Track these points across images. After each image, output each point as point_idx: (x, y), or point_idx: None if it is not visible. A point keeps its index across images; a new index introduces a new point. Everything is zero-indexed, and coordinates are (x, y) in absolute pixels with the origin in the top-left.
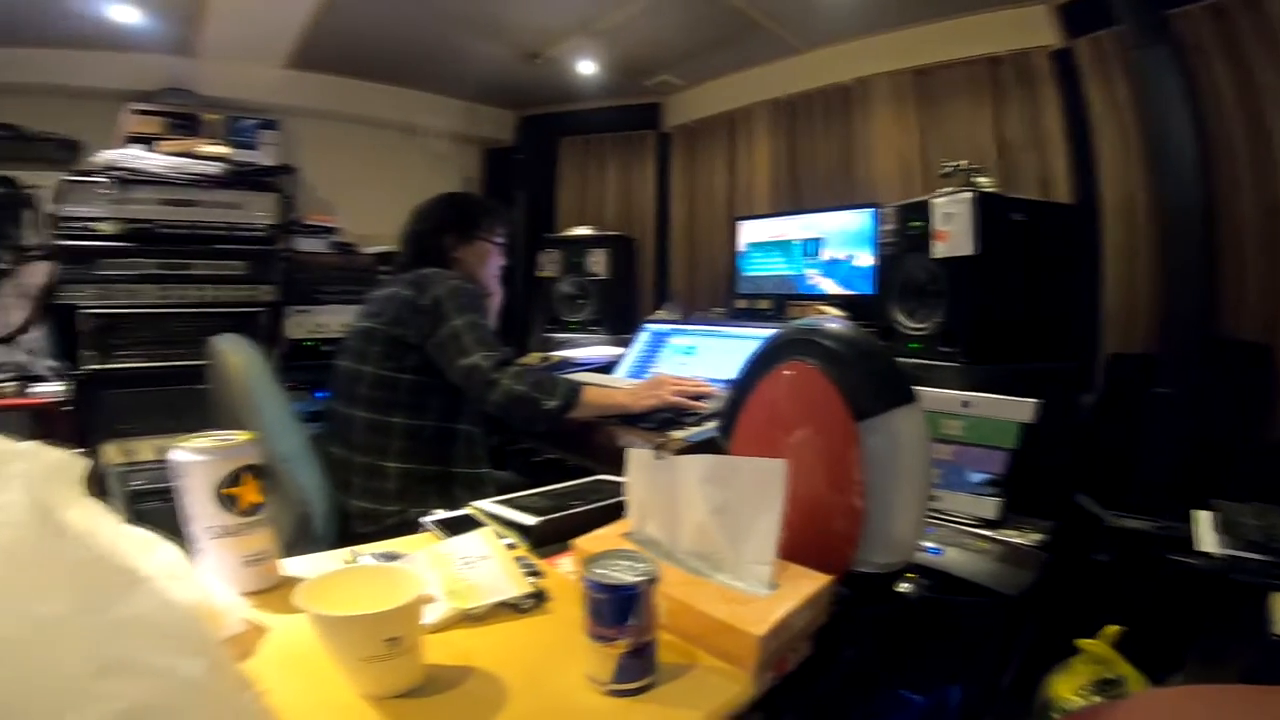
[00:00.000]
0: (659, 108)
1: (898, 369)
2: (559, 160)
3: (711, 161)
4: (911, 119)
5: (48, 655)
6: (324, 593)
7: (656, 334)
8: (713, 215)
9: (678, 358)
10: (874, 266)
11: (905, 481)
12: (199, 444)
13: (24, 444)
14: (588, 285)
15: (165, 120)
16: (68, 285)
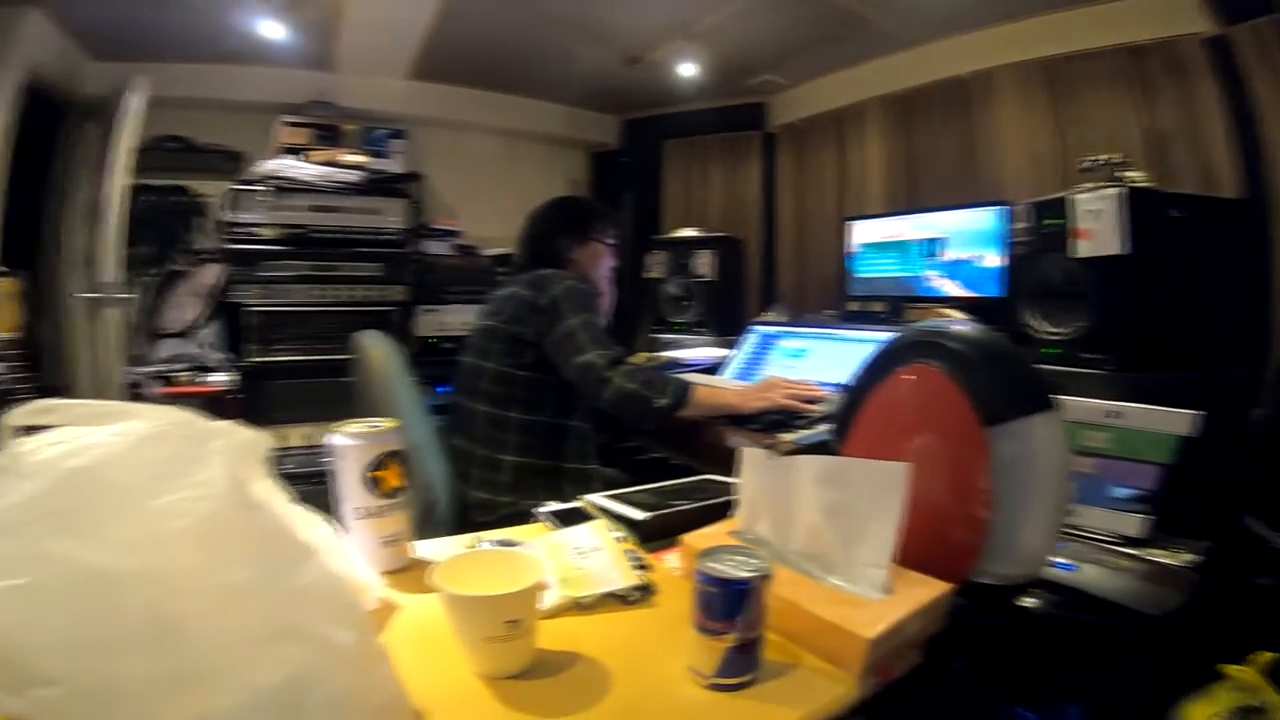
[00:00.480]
0: (763, 107)
1: (1035, 373)
2: (663, 162)
3: (820, 160)
4: (1042, 112)
5: (234, 618)
6: (455, 574)
7: (764, 336)
8: (822, 215)
9: (786, 360)
10: (1003, 267)
11: (1038, 492)
12: (353, 429)
13: (220, 423)
14: (694, 286)
15: (312, 131)
16: (235, 285)
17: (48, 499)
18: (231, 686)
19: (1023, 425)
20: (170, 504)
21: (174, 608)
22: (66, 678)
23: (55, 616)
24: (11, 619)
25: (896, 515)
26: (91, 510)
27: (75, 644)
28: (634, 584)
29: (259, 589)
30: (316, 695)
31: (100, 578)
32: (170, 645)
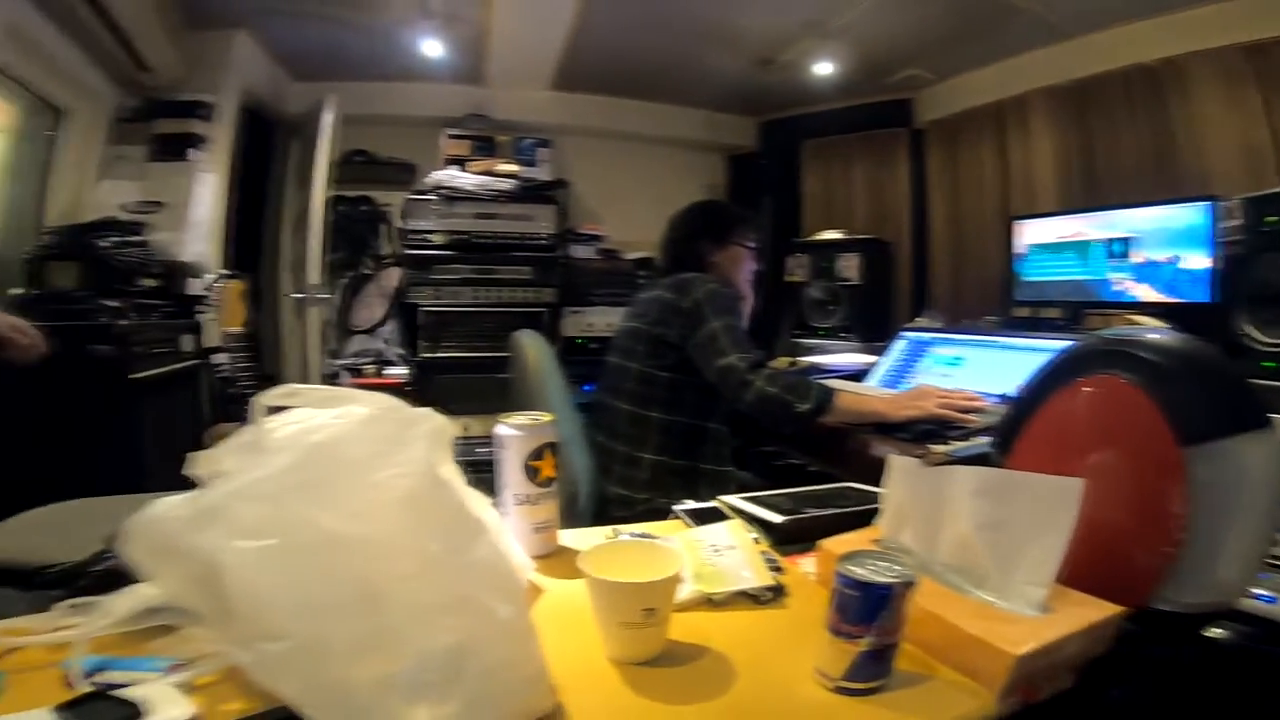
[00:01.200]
0: (908, 104)
1: (1246, 388)
2: (802, 164)
3: (977, 157)
4: (1254, 101)
5: (422, 586)
6: (600, 560)
7: (915, 342)
8: (981, 215)
9: (940, 368)
10: (1212, 270)
11: (1243, 518)
12: (517, 420)
13: (421, 410)
14: (838, 290)
15: (471, 143)
16: (412, 287)
17: (296, 470)
18: (409, 650)
19: (1229, 445)
20: (384, 479)
21: (379, 573)
22: (292, 634)
23: (294, 576)
24: (263, 577)
25: (1065, 533)
26: (328, 482)
27: (303, 603)
28: (767, 584)
29: (443, 560)
30: (474, 663)
31: (331, 543)
32: (371, 609)
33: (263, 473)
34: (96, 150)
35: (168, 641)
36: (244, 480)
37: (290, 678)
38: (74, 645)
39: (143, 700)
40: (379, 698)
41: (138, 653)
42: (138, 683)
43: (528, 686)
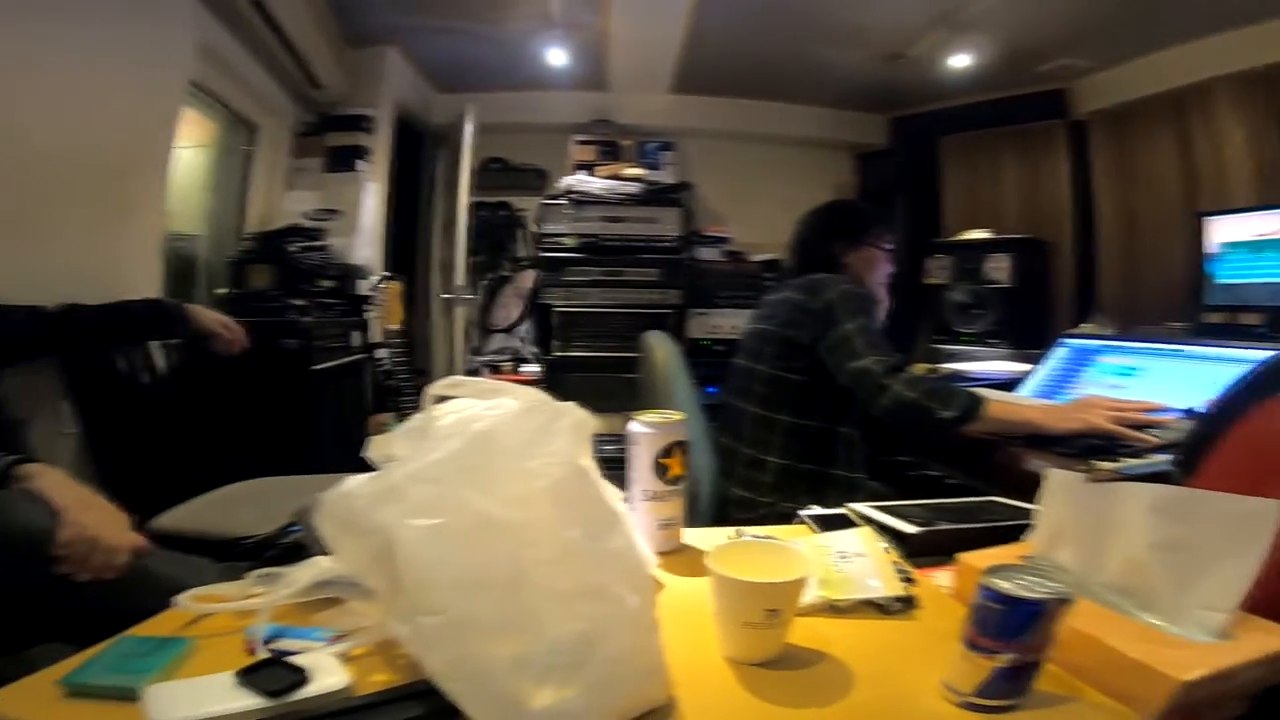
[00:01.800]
0: (1064, 94)
1: None
2: (940, 160)
3: (1152, 149)
4: None
5: (561, 572)
6: (726, 558)
7: (1079, 350)
8: (1159, 211)
9: (1109, 379)
10: None
11: None
12: (649, 418)
13: (566, 403)
14: (986, 293)
15: (597, 148)
16: (546, 288)
17: (461, 456)
18: (543, 632)
19: None
20: (536, 467)
21: (525, 557)
22: (446, 610)
23: (453, 555)
24: (428, 554)
25: (1257, 558)
26: (489, 467)
27: (460, 581)
28: (897, 594)
29: (581, 548)
30: (600, 650)
31: (487, 525)
32: (515, 590)
33: (434, 457)
34: (282, 162)
35: (331, 614)
36: (419, 463)
37: (439, 651)
38: (259, 613)
39: (309, 668)
40: (512, 676)
41: (306, 623)
42: (305, 651)
43: (646, 677)
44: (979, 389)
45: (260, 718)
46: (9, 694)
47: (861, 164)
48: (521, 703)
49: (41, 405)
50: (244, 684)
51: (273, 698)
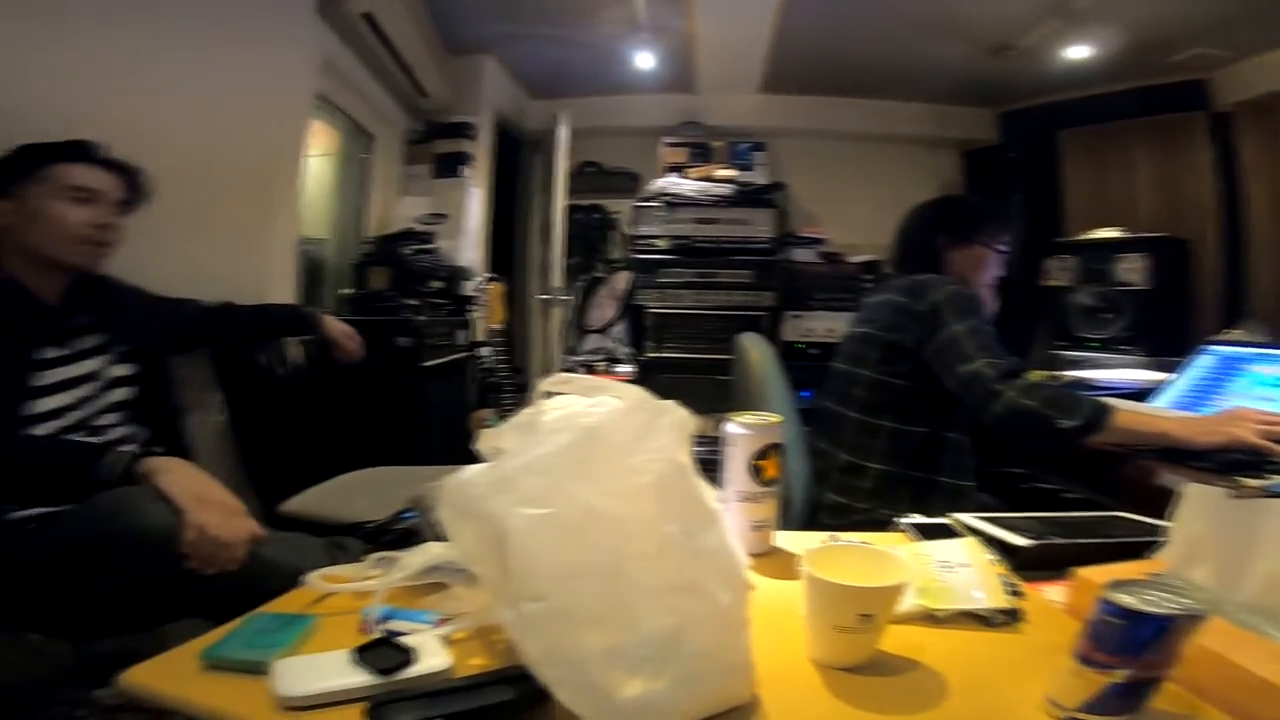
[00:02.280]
0: (1201, 85)
1: None
2: (1059, 156)
3: None
4: None
5: (658, 565)
6: (821, 561)
7: (1225, 358)
8: None
9: (1262, 390)
10: None
11: None
12: (745, 419)
13: (668, 402)
14: (1116, 296)
15: (687, 150)
16: (639, 290)
17: (571, 449)
18: (637, 625)
19: None
20: (639, 463)
21: (624, 550)
22: (548, 597)
23: (559, 544)
24: (536, 542)
25: None
26: (595, 461)
27: (563, 570)
28: (1001, 606)
29: (678, 544)
30: (689, 645)
31: (591, 517)
32: (613, 582)
33: (545, 450)
34: (396, 169)
35: (436, 598)
36: (531, 455)
37: (538, 637)
38: (375, 595)
39: (415, 648)
40: (604, 666)
41: (414, 606)
42: (412, 632)
43: (733, 674)
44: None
45: (371, 693)
46: (152, 667)
47: (969, 160)
48: (611, 692)
49: (196, 394)
50: (358, 661)
51: (382, 675)
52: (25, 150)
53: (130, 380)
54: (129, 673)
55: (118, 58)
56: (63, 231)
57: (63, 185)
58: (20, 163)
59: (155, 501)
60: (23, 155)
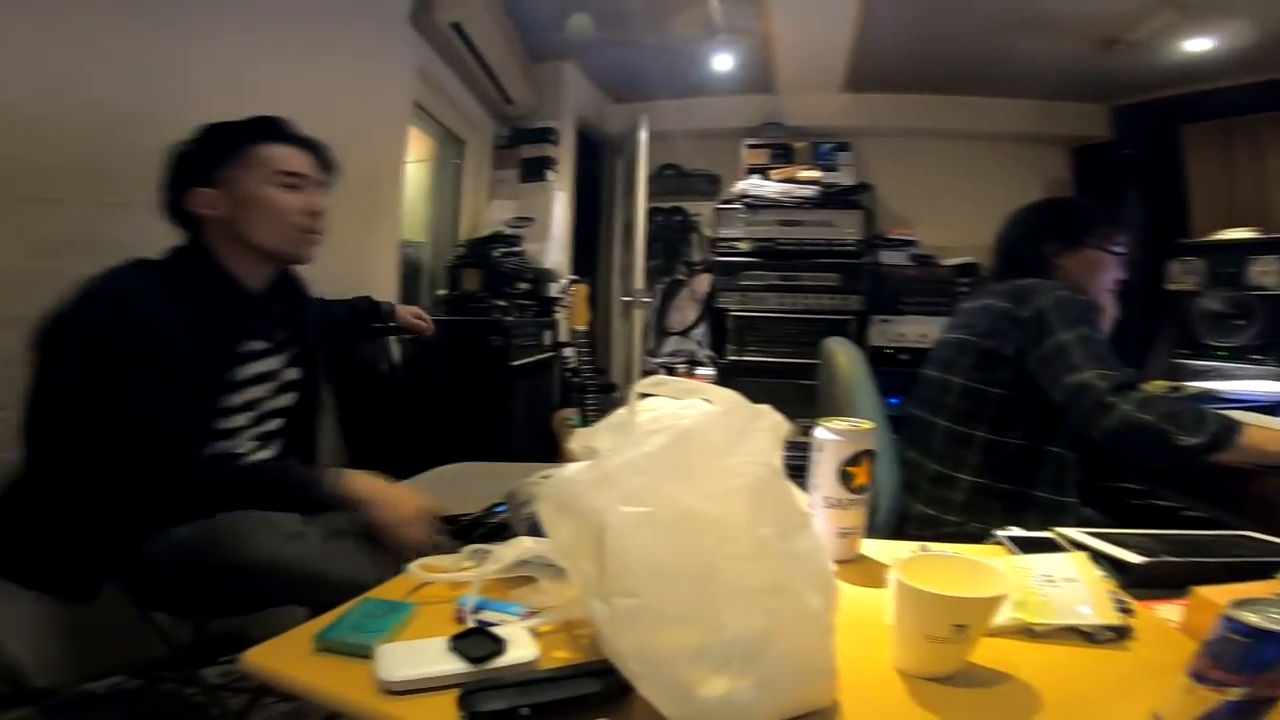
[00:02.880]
0: None
1: None
2: (1181, 152)
3: None
4: None
5: (750, 567)
6: (914, 570)
7: None
8: None
9: None
10: None
11: None
12: (836, 425)
13: (762, 406)
14: (1248, 301)
15: (769, 151)
16: (721, 293)
17: (669, 450)
18: (726, 625)
19: None
20: (735, 465)
21: (721, 550)
22: (642, 593)
23: (655, 543)
24: (634, 539)
25: None
26: (692, 462)
27: (658, 568)
28: (1109, 623)
29: (771, 546)
30: (776, 647)
31: (688, 517)
32: (705, 582)
33: (645, 449)
34: (485, 174)
35: (525, 591)
36: (632, 454)
37: (628, 632)
38: (471, 586)
39: (505, 639)
40: (690, 663)
41: (504, 597)
42: (502, 623)
43: (817, 678)
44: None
45: (463, 681)
46: (270, 649)
47: (1078, 157)
48: (694, 689)
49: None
50: (453, 649)
51: (474, 664)
52: (216, 131)
53: (296, 385)
54: (250, 653)
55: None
56: (282, 221)
57: (272, 170)
58: (216, 145)
59: (262, 530)
60: (216, 137)
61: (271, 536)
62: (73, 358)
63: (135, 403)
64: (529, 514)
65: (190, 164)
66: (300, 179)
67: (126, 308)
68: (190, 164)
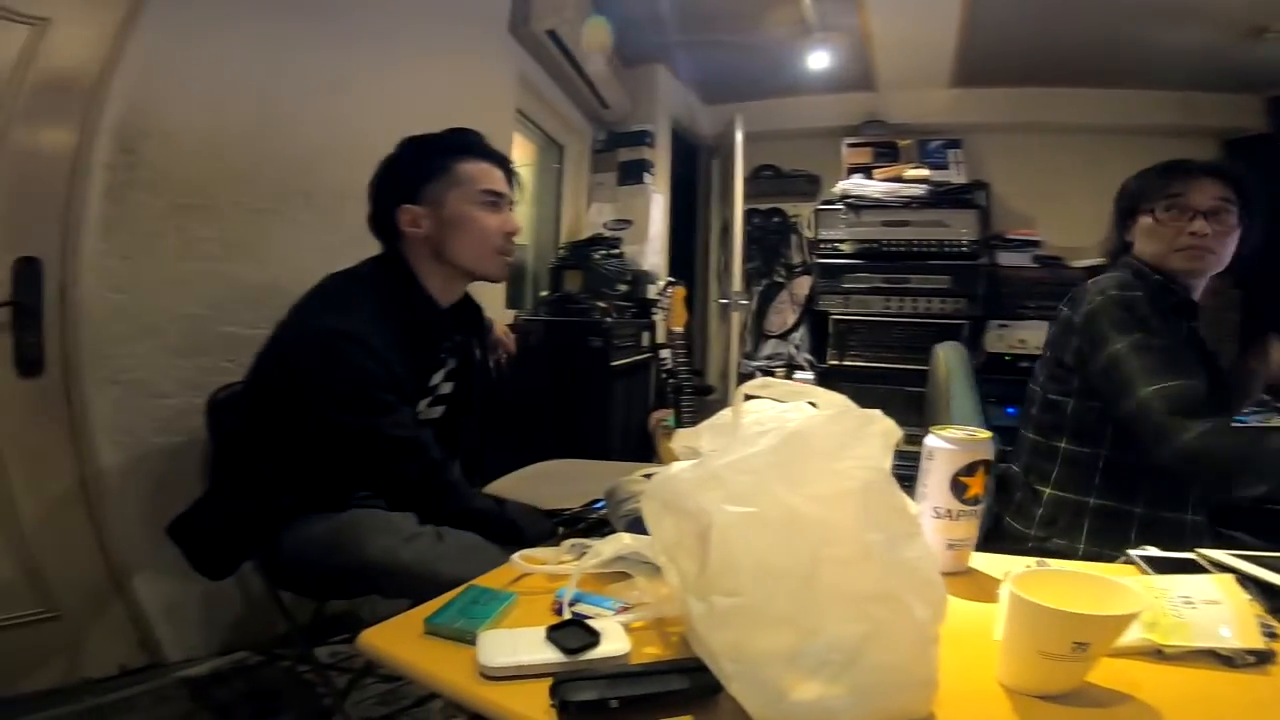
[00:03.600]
0: None
1: None
2: None
3: None
4: None
5: (855, 573)
6: (1030, 584)
7: None
8: None
9: None
10: None
11: None
12: (949, 433)
13: (873, 411)
14: None
15: (872, 150)
16: (822, 295)
17: (776, 451)
18: (821, 629)
19: None
20: (845, 468)
21: (826, 553)
22: (744, 593)
23: (760, 543)
24: (739, 539)
25: None
26: (799, 464)
27: (761, 568)
28: (1251, 647)
29: (878, 552)
30: (875, 655)
31: (796, 518)
32: (807, 585)
33: (753, 450)
34: (584, 178)
35: (620, 586)
36: (740, 454)
37: (725, 631)
38: (570, 578)
39: (599, 632)
40: (784, 665)
41: (600, 591)
42: (597, 617)
43: (915, 689)
44: None
45: (557, 670)
46: (383, 631)
47: (1231, 151)
48: (786, 692)
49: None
50: (550, 639)
51: (569, 655)
52: (419, 146)
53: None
54: (364, 634)
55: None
56: (483, 241)
57: (475, 188)
58: (422, 161)
59: (384, 533)
60: (420, 152)
61: (391, 538)
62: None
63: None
64: (628, 511)
65: (399, 179)
66: (499, 198)
67: (365, 346)
68: (399, 179)
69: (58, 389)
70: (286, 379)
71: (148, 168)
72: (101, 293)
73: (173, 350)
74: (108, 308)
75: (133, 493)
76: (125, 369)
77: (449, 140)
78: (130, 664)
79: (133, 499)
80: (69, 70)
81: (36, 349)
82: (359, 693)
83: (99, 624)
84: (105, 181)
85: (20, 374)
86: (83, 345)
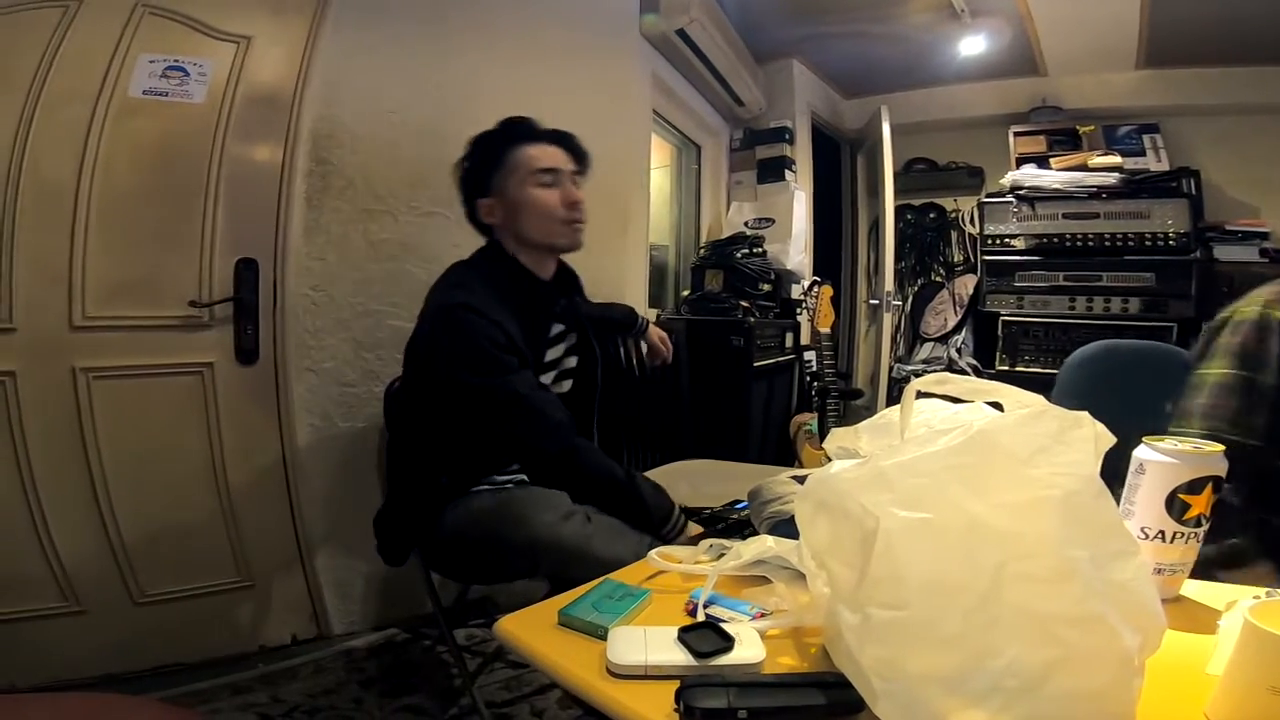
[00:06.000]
0: None
1: None
2: None
3: None
4: None
5: (1049, 591)
6: (1267, 614)
7: None
8: None
9: None
10: None
11: None
12: (1167, 445)
13: (1080, 414)
14: None
15: (1045, 138)
16: (990, 295)
17: (956, 453)
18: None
19: None
20: (1043, 475)
21: (1012, 569)
22: (908, 607)
23: (933, 552)
24: (908, 546)
25: None
26: (984, 468)
27: (932, 581)
28: None
29: (1082, 572)
30: (1061, 683)
31: (975, 528)
32: (990, 601)
33: (929, 449)
34: (723, 177)
35: (757, 591)
36: (912, 454)
37: (879, 645)
38: (707, 579)
39: (733, 637)
40: (942, 688)
41: (737, 595)
42: (731, 621)
43: None
44: None
45: (685, 673)
46: (518, 619)
47: None
48: (940, 717)
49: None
50: (680, 641)
51: (699, 659)
52: (482, 142)
53: (573, 373)
54: (502, 621)
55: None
56: (546, 216)
57: (528, 171)
58: (483, 155)
59: (546, 510)
60: (481, 147)
61: (553, 515)
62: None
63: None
64: (773, 513)
65: (470, 177)
66: (553, 174)
67: (484, 316)
68: (470, 177)
69: (268, 376)
70: (426, 356)
71: (338, 175)
72: (303, 290)
73: (357, 343)
74: (307, 304)
75: (321, 472)
76: (320, 359)
77: (502, 131)
78: (301, 635)
79: (320, 478)
80: (270, 84)
81: (253, 340)
82: (487, 676)
83: (281, 595)
84: (305, 189)
85: (240, 362)
86: (289, 337)
